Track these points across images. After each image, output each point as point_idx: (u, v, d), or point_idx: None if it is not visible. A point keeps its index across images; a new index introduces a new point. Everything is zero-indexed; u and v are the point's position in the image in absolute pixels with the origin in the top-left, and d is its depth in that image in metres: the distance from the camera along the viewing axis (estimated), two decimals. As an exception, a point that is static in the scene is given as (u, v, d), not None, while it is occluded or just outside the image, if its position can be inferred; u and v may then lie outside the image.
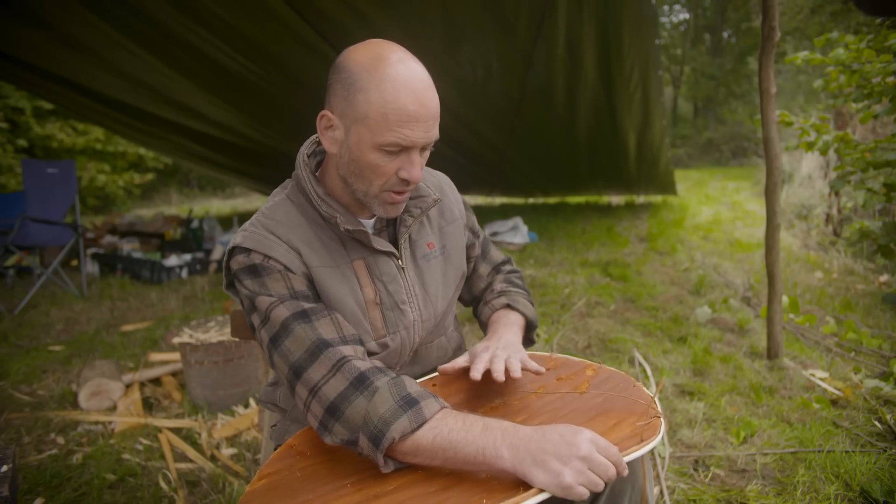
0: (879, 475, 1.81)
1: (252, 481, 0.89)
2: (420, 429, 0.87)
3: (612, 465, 0.83)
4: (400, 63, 0.94)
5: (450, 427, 0.87)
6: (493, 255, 1.36)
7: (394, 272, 1.09)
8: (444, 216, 1.21)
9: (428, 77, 0.97)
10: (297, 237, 1.02)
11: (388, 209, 1.03)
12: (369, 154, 0.96)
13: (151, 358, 3.02)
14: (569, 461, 0.81)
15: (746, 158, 17.10)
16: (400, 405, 0.88)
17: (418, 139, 0.94)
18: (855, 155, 3.04)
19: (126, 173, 11.80)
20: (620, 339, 3.11)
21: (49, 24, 3.54)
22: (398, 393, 0.90)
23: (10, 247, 4.30)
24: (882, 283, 4.10)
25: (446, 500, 0.81)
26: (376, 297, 1.06)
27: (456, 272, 1.21)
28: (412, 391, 0.91)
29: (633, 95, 5.20)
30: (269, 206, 1.08)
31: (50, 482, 1.96)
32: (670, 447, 2.08)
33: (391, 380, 0.93)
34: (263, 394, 1.24)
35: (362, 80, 0.93)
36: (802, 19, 14.52)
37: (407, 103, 0.92)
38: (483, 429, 0.86)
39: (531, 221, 6.83)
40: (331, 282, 1.02)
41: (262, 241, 1.00)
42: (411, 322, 1.10)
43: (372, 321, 1.06)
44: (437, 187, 1.21)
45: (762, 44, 2.61)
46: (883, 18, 3.33)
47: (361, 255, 1.06)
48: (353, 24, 3.68)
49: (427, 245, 1.16)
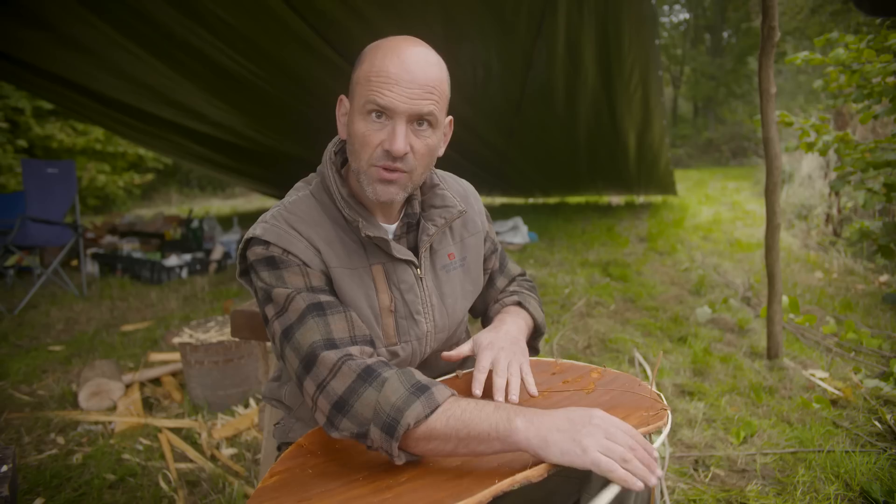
0: (879, 475, 1.81)
1: (263, 478, 0.90)
2: (434, 413, 0.86)
3: (630, 437, 0.81)
4: (403, 40, 0.95)
5: (462, 408, 0.87)
6: (511, 269, 1.35)
7: (411, 281, 1.07)
8: (468, 227, 1.19)
9: (431, 55, 0.97)
10: (318, 235, 1.01)
11: (378, 188, 0.97)
12: (357, 122, 0.96)
13: (151, 358, 3.02)
14: (584, 426, 0.81)
15: (746, 158, 17.10)
16: (412, 392, 0.87)
17: (398, 103, 0.92)
18: (855, 155, 3.04)
19: (126, 173, 11.80)
20: (620, 339, 3.11)
21: (49, 25, 3.54)
22: (408, 381, 0.89)
23: (10, 247, 4.31)
24: (882, 283, 4.10)
25: (459, 485, 0.81)
26: (391, 305, 1.05)
27: (474, 285, 1.20)
28: (421, 379, 0.91)
29: (633, 95, 5.20)
30: (291, 201, 1.05)
31: (50, 482, 1.96)
32: (670, 447, 2.08)
33: (398, 370, 0.92)
34: (267, 389, 1.23)
35: (364, 55, 0.97)
36: (802, 19, 14.52)
37: (388, 66, 0.92)
38: (495, 407, 0.86)
39: (531, 221, 6.83)
40: (347, 284, 1.01)
41: (283, 235, 0.99)
42: (424, 333, 1.09)
43: (384, 328, 1.04)
44: (462, 197, 1.19)
45: (762, 44, 2.61)
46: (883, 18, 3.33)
47: (381, 260, 1.05)
48: (353, 25, 3.68)
49: (448, 256, 1.14)
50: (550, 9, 3.85)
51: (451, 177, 1.24)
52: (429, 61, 0.95)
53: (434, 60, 0.97)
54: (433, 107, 0.95)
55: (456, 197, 1.13)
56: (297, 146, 6.32)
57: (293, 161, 6.90)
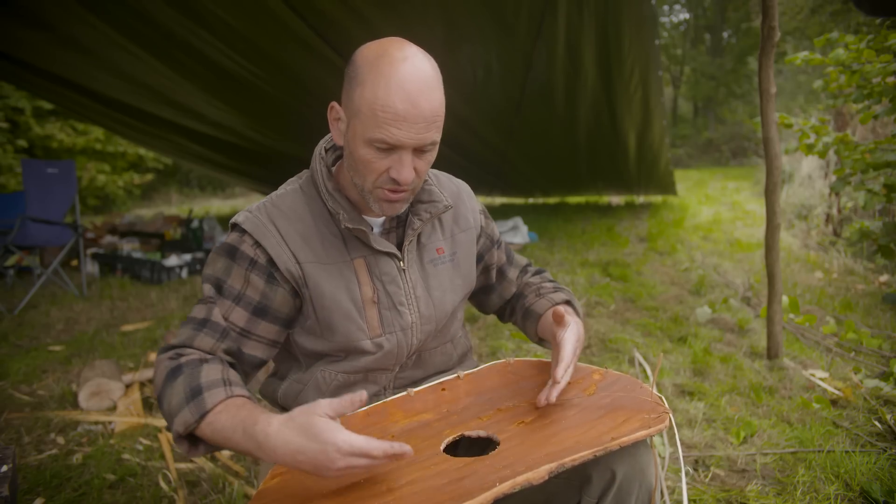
0: (879, 475, 1.81)
1: (265, 480, 0.90)
2: (203, 419, 0.88)
3: (366, 458, 0.79)
4: (402, 61, 0.92)
5: (222, 423, 0.87)
6: (518, 259, 1.38)
7: (394, 273, 1.09)
8: (459, 223, 1.21)
9: (432, 79, 0.94)
10: (296, 230, 1.04)
11: (384, 206, 1.01)
12: (361, 148, 0.96)
13: (151, 358, 3.02)
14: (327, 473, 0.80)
15: (746, 158, 17.10)
16: (186, 397, 0.90)
17: (406, 139, 0.93)
18: (855, 156, 3.05)
19: (126, 173, 11.81)
20: (620, 339, 3.11)
21: (49, 25, 3.54)
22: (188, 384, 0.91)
23: (10, 247, 4.30)
24: (882, 283, 4.11)
25: (460, 487, 0.81)
26: (374, 296, 1.07)
27: (465, 280, 1.21)
28: (202, 381, 0.91)
29: (633, 96, 5.20)
30: (279, 194, 1.10)
31: (50, 482, 1.96)
32: (670, 447, 2.08)
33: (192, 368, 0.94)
34: (263, 387, 1.24)
35: (362, 74, 0.94)
36: (802, 19, 14.52)
37: (396, 102, 0.90)
38: (243, 432, 0.84)
39: (531, 221, 6.83)
40: (325, 278, 1.04)
41: (260, 227, 1.03)
42: (409, 324, 1.10)
43: (368, 319, 1.07)
44: (453, 194, 1.21)
45: (762, 44, 2.61)
46: (883, 18, 3.33)
47: (362, 253, 1.07)
48: (352, 25, 3.68)
49: (437, 250, 1.16)
50: (550, 9, 3.86)
51: (446, 176, 1.26)
52: (430, 85, 0.94)
53: (434, 81, 0.95)
54: (437, 134, 0.97)
55: (444, 193, 1.15)
56: (297, 146, 6.32)
57: (292, 161, 6.89)
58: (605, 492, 0.96)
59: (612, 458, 0.96)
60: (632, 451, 0.97)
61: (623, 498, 0.96)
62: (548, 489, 1.03)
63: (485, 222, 1.27)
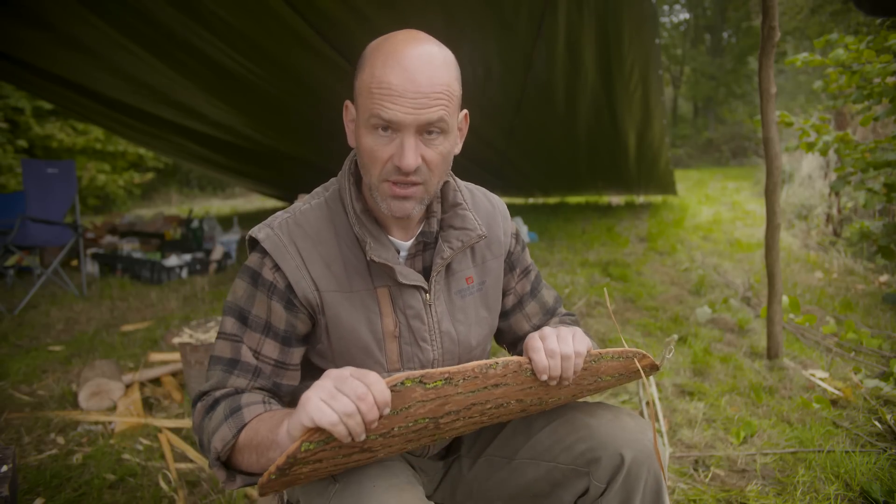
0: (879, 475, 1.81)
1: (266, 472, 0.89)
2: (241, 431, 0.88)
3: (362, 384, 0.74)
4: (404, 42, 0.88)
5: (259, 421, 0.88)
6: (545, 295, 1.20)
7: (419, 307, 1.01)
8: (492, 249, 1.11)
9: (436, 57, 0.88)
10: (319, 255, 0.97)
11: (392, 204, 0.93)
12: (363, 135, 0.91)
13: (151, 358, 3.02)
14: (332, 380, 0.76)
15: (746, 158, 17.10)
16: (226, 416, 0.90)
17: (403, 116, 0.86)
18: (855, 155, 3.05)
19: (126, 173, 11.80)
20: (620, 339, 3.11)
21: (49, 25, 3.54)
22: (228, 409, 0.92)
23: (10, 247, 4.30)
24: (882, 283, 4.10)
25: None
26: (396, 330, 1.00)
27: (490, 311, 1.11)
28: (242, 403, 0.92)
29: (633, 95, 5.20)
30: (303, 210, 1.01)
31: (50, 482, 1.96)
32: (670, 447, 2.08)
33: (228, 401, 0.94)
34: None
35: (365, 58, 0.91)
36: (802, 19, 14.52)
37: (391, 76, 0.85)
38: (284, 417, 0.84)
39: (531, 221, 6.83)
40: (345, 308, 0.97)
41: (280, 248, 0.96)
42: (430, 360, 1.03)
43: (388, 353, 1.00)
44: (488, 214, 1.11)
45: (762, 44, 2.61)
46: (883, 19, 3.33)
47: (387, 283, 0.99)
48: (353, 24, 3.68)
49: (466, 280, 1.06)
50: (550, 8, 3.85)
51: (482, 192, 1.16)
52: (433, 63, 0.88)
53: (439, 60, 0.89)
54: (443, 112, 0.88)
55: (478, 219, 1.05)
56: (298, 146, 6.32)
57: (293, 161, 6.90)
58: (613, 477, 0.96)
59: (619, 441, 0.96)
60: (639, 435, 0.97)
61: (632, 484, 0.95)
62: (553, 479, 1.02)
63: (514, 246, 1.16)
